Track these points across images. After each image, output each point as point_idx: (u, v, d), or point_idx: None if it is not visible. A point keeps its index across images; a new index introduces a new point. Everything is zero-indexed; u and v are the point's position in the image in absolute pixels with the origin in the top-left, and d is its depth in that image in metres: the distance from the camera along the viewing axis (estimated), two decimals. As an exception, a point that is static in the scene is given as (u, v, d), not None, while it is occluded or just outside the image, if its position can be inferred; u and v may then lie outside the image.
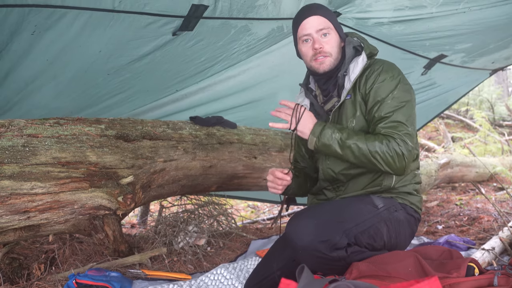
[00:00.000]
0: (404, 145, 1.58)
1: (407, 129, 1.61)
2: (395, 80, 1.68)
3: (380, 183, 1.71)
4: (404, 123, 1.62)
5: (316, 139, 1.63)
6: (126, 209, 1.98)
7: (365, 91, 1.69)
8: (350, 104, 1.72)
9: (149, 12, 1.94)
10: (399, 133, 1.59)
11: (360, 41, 1.77)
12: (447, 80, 3.68)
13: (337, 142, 1.61)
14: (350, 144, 1.60)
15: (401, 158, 1.58)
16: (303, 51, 1.75)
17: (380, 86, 1.66)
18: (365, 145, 1.59)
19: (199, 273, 2.17)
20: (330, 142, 1.62)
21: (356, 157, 1.61)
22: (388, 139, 1.59)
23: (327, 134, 1.62)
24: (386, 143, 1.58)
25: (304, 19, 1.71)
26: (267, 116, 3.24)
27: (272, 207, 5.13)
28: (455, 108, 9.23)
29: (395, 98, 1.64)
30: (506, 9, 2.44)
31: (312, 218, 1.51)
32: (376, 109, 1.65)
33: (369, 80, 1.69)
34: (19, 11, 1.73)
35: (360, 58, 1.73)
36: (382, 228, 1.60)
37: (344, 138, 1.61)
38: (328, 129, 1.63)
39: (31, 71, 2.13)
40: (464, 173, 4.80)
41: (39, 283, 1.87)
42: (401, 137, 1.59)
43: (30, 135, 1.73)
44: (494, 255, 2.00)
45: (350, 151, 1.61)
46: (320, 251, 1.44)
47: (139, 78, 2.47)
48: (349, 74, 1.72)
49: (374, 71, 1.70)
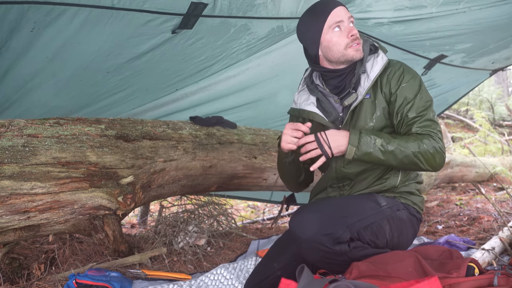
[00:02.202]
0: (441, 141, 1.61)
1: (438, 126, 1.65)
2: (418, 80, 1.68)
3: (385, 182, 1.71)
4: (435, 121, 1.65)
5: (355, 149, 1.55)
6: (126, 209, 1.98)
7: (390, 90, 1.67)
8: (370, 103, 1.68)
9: (148, 10, 1.94)
10: (434, 130, 1.61)
11: (373, 41, 1.75)
12: (447, 80, 3.68)
13: (379, 148, 1.55)
14: (393, 149, 1.56)
15: (440, 155, 1.60)
16: (335, 40, 1.65)
17: (406, 86, 1.65)
18: (407, 148, 1.56)
19: (199, 273, 2.17)
20: (371, 149, 1.55)
21: (399, 161, 1.57)
22: (427, 138, 1.59)
23: (366, 141, 1.55)
24: (426, 142, 1.57)
25: (333, 8, 1.65)
26: (267, 116, 3.29)
27: (272, 207, 5.13)
28: (455, 108, 9.23)
29: (423, 98, 1.65)
30: (506, 9, 2.44)
31: (316, 212, 1.51)
32: (408, 109, 1.64)
33: (393, 80, 1.67)
34: (18, 8, 1.73)
35: (379, 56, 1.70)
36: (384, 226, 1.60)
37: (385, 143, 1.56)
38: (366, 137, 1.56)
39: (30, 69, 2.13)
40: (464, 173, 4.80)
41: (39, 283, 1.87)
42: (436, 135, 1.61)
43: (30, 135, 1.73)
44: (494, 255, 2.00)
45: (393, 156, 1.56)
46: (323, 244, 1.44)
47: (138, 77, 2.47)
48: (368, 72, 1.68)
49: (396, 70, 1.68)
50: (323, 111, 1.75)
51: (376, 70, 1.67)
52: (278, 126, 3.26)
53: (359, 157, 1.57)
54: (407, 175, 1.75)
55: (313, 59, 1.73)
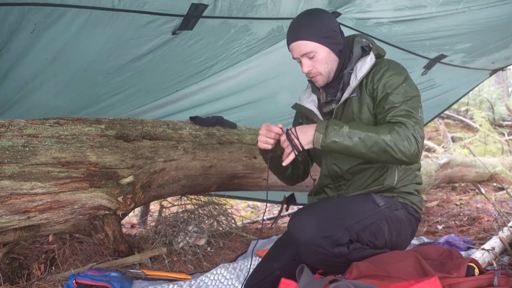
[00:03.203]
0: (416, 130, 1.55)
1: (416, 117, 1.59)
2: (402, 76, 1.68)
3: (382, 182, 1.71)
4: (412, 112, 1.59)
5: (322, 136, 1.52)
6: (126, 209, 1.98)
7: (373, 86, 1.69)
8: (356, 101, 1.72)
9: (148, 11, 1.94)
10: (409, 120, 1.56)
11: (368, 42, 1.78)
12: (447, 80, 3.68)
13: (346, 135, 1.51)
14: (362, 136, 1.50)
15: (413, 144, 1.52)
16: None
17: (388, 81, 1.66)
18: (377, 134, 1.51)
19: (199, 273, 2.17)
20: (338, 137, 1.51)
21: (368, 148, 1.51)
22: (399, 126, 1.53)
23: (333, 128, 1.52)
24: (397, 130, 1.51)
25: (289, 44, 1.73)
26: (267, 116, 3.29)
27: (272, 207, 5.13)
28: (455, 108, 9.23)
29: (405, 91, 1.64)
30: (506, 9, 2.44)
31: (314, 214, 1.51)
32: (385, 100, 1.64)
33: (376, 76, 1.69)
34: (19, 9, 1.73)
35: (369, 57, 1.73)
36: (383, 226, 1.60)
37: (353, 129, 1.52)
38: (333, 124, 1.54)
39: (31, 70, 2.13)
40: (464, 173, 4.80)
41: (39, 283, 1.87)
42: (411, 124, 1.55)
43: (30, 135, 1.73)
44: (494, 255, 2.00)
45: (361, 143, 1.50)
46: (322, 246, 1.44)
47: (139, 78, 2.47)
48: (356, 72, 1.72)
49: (380, 68, 1.70)
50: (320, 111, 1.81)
51: (364, 71, 1.70)
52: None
53: (326, 145, 1.53)
54: (404, 174, 1.74)
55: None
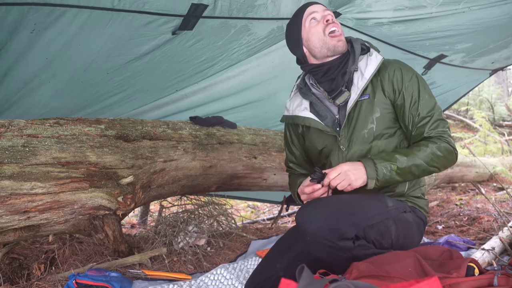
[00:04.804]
0: (451, 139, 1.65)
1: (447, 123, 1.69)
2: (418, 77, 1.70)
3: (393, 189, 1.72)
4: (443, 119, 1.68)
5: (375, 181, 1.57)
6: (126, 209, 1.98)
7: (393, 89, 1.66)
8: (369, 104, 1.67)
9: (148, 11, 1.94)
10: (443, 129, 1.66)
11: (365, 41, 1.75)
12: (447, 80, 3.68)
13: (395, 173, 1.58)
14: (410, 169, 1.59)
15: (452, 154, 1.65)
16: (313, 30, 1.68)
17: (410, 85, 1.66)
18: (421, 161, 1.59)
19: (199, 273, 2.17)
20: (389, 177, 1.58)
21: (417, 176, 1.63)
22: (438, 142, 1.62)
23: (382, 171, 1.57)
24: (436, 147, 1.61)
25: (308, 6, 1.71)
26: (267, 116, 3.29)
27: (272, 207, 5.13)
28: (455, 108, 9.23)
29: (429, 95, 1.68)
30: (506, 9, 2.44)
31: (323, 207, 1.51)
32: (415, 108, 1.65)
33: (395, 78, 1.66)
34: (18, 9, 1.73)
35: (373, 55, 1.69)
36: (390, 226, 1.59)
37: (400, 166, 1.58)
38: (380, 166, 1.57)
39: (31, 70, 2.13)
40: (464, 173, 4.80)
41: (39, 283, 1.87)
42: (447, 133, 1.66)
43: (30, 135, 1.73)
44: (494, 255, 2.00)
45: (411, 174, 1.60)
46: (328, 238, 1.44)
47: (138, 78, 2.47)
48: (362, 71, 1.67)
49: (395, 69, 1.68)
50: (318, 115, 1.73)
51: (371, 69, 1.66)
52: (278, 126, 3.26)
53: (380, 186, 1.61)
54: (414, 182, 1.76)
55: (301, 59, 1.78)
